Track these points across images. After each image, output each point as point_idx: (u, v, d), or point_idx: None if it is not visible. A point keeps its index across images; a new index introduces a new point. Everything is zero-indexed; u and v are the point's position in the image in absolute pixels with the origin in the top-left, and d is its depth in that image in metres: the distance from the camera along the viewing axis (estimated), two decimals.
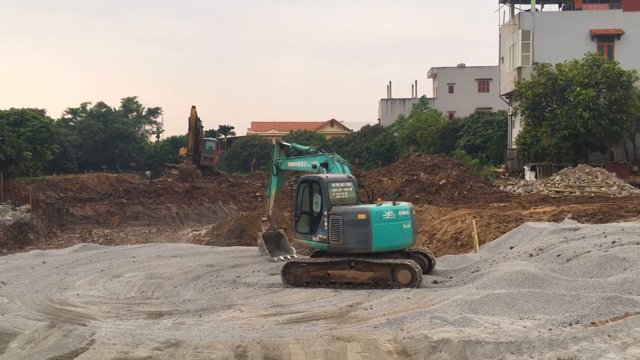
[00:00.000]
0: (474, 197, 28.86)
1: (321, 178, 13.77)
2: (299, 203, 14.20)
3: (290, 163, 16.86)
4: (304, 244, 14.50)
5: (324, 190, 13.41)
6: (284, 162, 16.90)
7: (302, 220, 14.08)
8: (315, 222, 13.62)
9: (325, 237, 13.22)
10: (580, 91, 31.47)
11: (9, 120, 45.86)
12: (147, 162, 70.89)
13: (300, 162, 16.41)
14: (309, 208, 13.89)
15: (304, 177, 14.62)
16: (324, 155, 15.44)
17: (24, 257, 18.49)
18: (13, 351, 9.29)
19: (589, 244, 13.28)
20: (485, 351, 8.28)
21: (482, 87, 67.61)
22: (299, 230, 14.20)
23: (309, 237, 13.82)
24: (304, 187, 14.17)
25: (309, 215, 13.85)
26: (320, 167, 15.05)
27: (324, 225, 13.29)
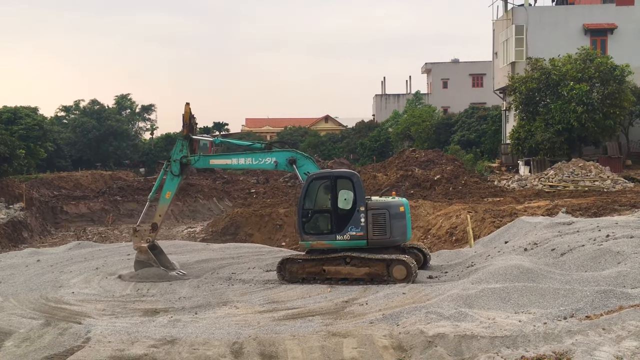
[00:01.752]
0: (469, 192, 28.93)
1: (354, 173, 13.50)
2: (313, 201, 13.28)
3: (219, 160, 15.21)
4: (320, 245, 13.18)
5: (358, 186, 13.02)
6: (202, 159, 14.73)
7: (320, 220, 13.22)
8: (342, 220, 12.95)
9: (362, 234, 12.91)
10: (574, 86, 31.57)
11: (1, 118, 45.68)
12: (141, 160, 70.66)
13: (244, 159, 14.38)
14: (332, 205, 13.11)
15: (319, 173, 13.54)
16: (288, 152, 14.13)
17: (18, 256, 18.41)
18: (8, 350, 9.26)
19: (583, 238, 13.33)
20: (481, 345, 8.30)
21: (476, 82, 67.69)
22: (310, 232, 13.19)
23: (329, 236, 13.04)
24: (320, 184, 13.30)
25: (331, 213, 13.10)
26: (288, 165, 13.83)
27: (358, 222, 12.89)
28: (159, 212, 14.77)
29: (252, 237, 25.38)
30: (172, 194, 14.69)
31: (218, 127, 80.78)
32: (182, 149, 14.61)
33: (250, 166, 14.49)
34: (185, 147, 14.63)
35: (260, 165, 14.34)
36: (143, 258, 14.40)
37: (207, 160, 14.88)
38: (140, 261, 14.43)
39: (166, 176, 14.74)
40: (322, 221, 13.22)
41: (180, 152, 14.58)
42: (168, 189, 14.65)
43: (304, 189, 13.20)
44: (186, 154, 14.57)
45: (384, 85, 76.88)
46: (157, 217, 14.77)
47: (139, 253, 14.50)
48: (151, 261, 14.35)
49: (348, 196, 13.02)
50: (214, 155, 15.01)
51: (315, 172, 13.57)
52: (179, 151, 14.62)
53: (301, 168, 13.76)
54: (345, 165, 48.06)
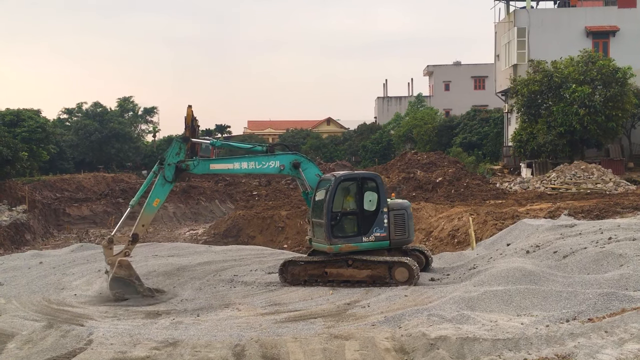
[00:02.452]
0: (471, 194, 28.92)
1: (378, 175, 13.56)
2: (340, 204, 13.02)
3: (220, 165, 13.62)
4: (348, 248, 12.84)
5: (381, 187, 13.08)
6: (202, 164, 13.31)
7: (347, 223, 13.02)
8: (367, 222, 12.91)
9: (385, 235, 12.96)
10: (576, 88, 31.55)
11: (4, 120, 45.75)
12: (143, 162, 70.70)
13: (247, 163, 13.41)
14: (358, 208, 13.04)
15: (345, 175, 13.35)
16: (292, 155, 13.58)
17: (21, 258, 18.44)
18: (11, 352, 9.27)
19: (585, 241, 13.32)
20: (483, 348, 8.30)
21: (478, 84, 67.70)
22: (339, 235, 12.83)
23: (356, 239, 12.88)
24: (347, 186, 13.16)
25: (357, 215, 13.01)
26: (292, 169, 13.35)
27: (382, 223, 12.91)
28: (143, 221, 12.94)
29: (254, 240, 25.40)
30: (160, 201, 13.10)
31: (220, 129, 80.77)
32: (180, 152, 13.19)
33: (254, 170, 13.55)
34: (183, 150, 13.22)
35: (264, 170, 13.51)
36: (123, 274, 12.25)
37: (206, 165, 13.40)
38: (119, 278, 12.21)
39: (156, 180, 13.10)
40: (349, 224, 13.10)
41: (177, 156, 13.13)
42: (157, 196, 13.00)
43: (332, 191, 12.75)
44: (184, 158, 13.19)
45: (386, 88, 76.94)
46: (139, 227, 12.91)
47: (118, 268, 12.26)
48: (133, 278, 12.32)
49: (373, 197, 13.03)
50: (215, 159, 13.54)
51: (342, 174, 13.37)
52: (175, 154, 13.14)
53: (305, 171, 13.45)
54: (347, 167, 48.06)
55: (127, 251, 12.64)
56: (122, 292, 12.12)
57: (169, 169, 13.00)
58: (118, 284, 12.19)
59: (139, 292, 12.25)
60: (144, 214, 13.00)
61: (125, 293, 12.13)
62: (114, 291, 12.15)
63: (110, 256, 12.46)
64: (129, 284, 12.23)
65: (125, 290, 12.15)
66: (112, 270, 12.33)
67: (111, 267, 12.39)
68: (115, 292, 12.14)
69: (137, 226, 12.92)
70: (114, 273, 12.29)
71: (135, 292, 12.21)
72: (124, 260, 12.41)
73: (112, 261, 12.38)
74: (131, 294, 12.19)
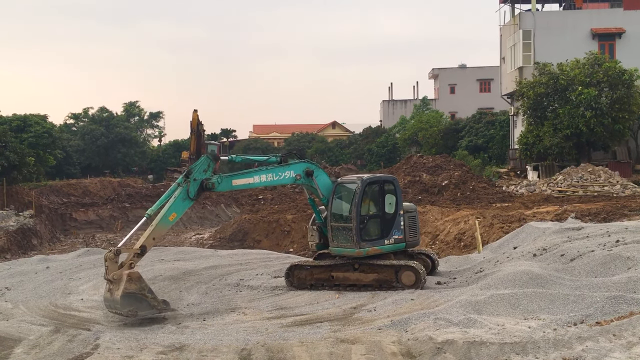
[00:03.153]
0: (477, 197, 28.84)
1: (394, 178, 13.78)
2: (367, 207, 12.98)
3: (241, 180, 12.80)
4: (373, 251, 12.80)
5: (398, 190, 13.30)
6: (225, 181, 12.47)
7: (372, 226, 12.98)
8: (388, 224, 13.02)
9: (402, 237, 13.18)
10: (582, 90, 31.45)
11: (11, 126, 45.94)
12: (149, 166, 70.99)
13: (265, 176, 12.90)
14: (381, 211, 13.07)
15: (371, 177, 13.32)
16: (305, 163, 13.35)
17: (28, 263, 18.52)
18: (18, 357, 9.30)
19: (592, 244, 13.25)
20: (490, 352, 8.26)
21: (484, 87, 67.59)
22: (366, 238, 12.75)
23: (379, 242, 12.92)
24: (373, 188, 13.10)
25: (381, 218, 13.05)
26: (305, 178, 13.07)
27: (399, 225, 13.10)
28: (154, 234, 11.77)
29: (260, 244, 25.41)
30: (177, 217, 12.11)
31: (226, 133, 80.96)
32: (208, 169, 12.25)
33: (272, 182, 13.16)
34: (211, 167, 12.32)
35: (281, 181, 13.23)
36: (134, 289, 10.97)
37: (229, 182, 12.60)
38: (130, 293, 10.89)
39: (177, 193, 12.02)
40: (374, 227, 13.07)
41: (205, 173, 12.20)
42: (175, 210, 11.95)
43: (360, 194, 12.66)
44: (210, 176, 12.25)
45: (391, 91, 77.05)
46: (149, 239, 11.68)
47: (128, 283, 10.94)
48: (145, 291, 11.11)
49: (392, 200, 13.16)
50: (235, 174, 12.85)
51: (368, 177, 13.35)
52: (202, 171, 12.20)
53: (317, 178, 13.22)
54: (353, 171, 48.03)
55: (132, 263, 11.35)
56: (135, 309, 10.89)
57: (194, 185, 12.06)
58: (130, 301, 10.86)
59: (153, 307, 11.10)
60: (158, 227, 11.81)
61: (138, 310, 10.91)
62: (126, 309, 10.85)
63: (115, 270, 11.11)
64: (142, 298, 10.97)
65: (138, 306, 10.92)
66: (120, 285, 10.95)
67: (117, 282, 11.03)
68: (127, 310, 10.85)
69: (148, 238, 11.66)
70: (124, 289, 10.88)
71: (149, 307, 11.06)
72: (133, 272, 11.15)
73: (118, 275, 11.05)
74: (144, 310, 11.00)
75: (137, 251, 11.48)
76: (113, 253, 11.23)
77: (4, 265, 18.04)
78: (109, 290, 11.13)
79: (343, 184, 13.31)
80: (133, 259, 11.42)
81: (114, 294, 10.97)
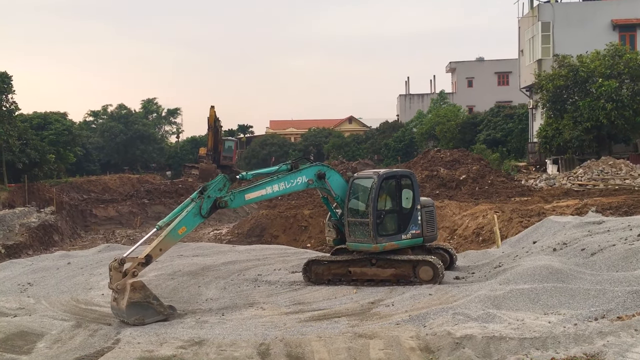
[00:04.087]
0: (495, 191, 28.63)
1: (412, 172, 13.83)
2: (384, 202, 12.99)
3: (254, 193, 12.76)
4: (390, 247, 12.80)
5: (416, 184, 13.32)
6: (238, 197, 12.48)
7: (389, 221, 13.00)
8: (405, 219, 13.04)
9: (419, 231, 13.19)
10: (603, 82, 31.02)
11: (32, 124, 46.55)
12: (167, 163, 71.49)
13: (278, 185, 12.88)
14: (398, 206, 13.11)
15: (387, 172, 13.33)
16: (316, 166, 13.31)
17: (49, 259, 18.78)
18: (40, 351, 9.45)
19: (613, 238, 13.09)
20: (510, 347, 8.20)
21: (502, 80, 66.92)
22: (383, 233, 12.78)
23: (396, 237, 12.93)
24: (389, 183, 13.13)
25: (398, 213, 13.08)
26: (318, 181, 13.05)
27: (417, 220, 13.10)
28: (162, 245, 11.68)
29: (277, 239, 25.48)
30: (187, 231, 12.04)
31: (242, 129, 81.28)
32: (223, 188, 12.28)
33: (285, 191, 13.15)
34: (226, 187, 12.36)
35: (294, 187, 13.19)
36: (138, 297, 11.03)
37: (242, 198, 12.63)
38: (135, 303, 10.97)
39: (190, 208, 12.05)
40: (390, 222, 13.11)
41: (219, 192, 12.24)
42: (185, 224, 11.90)
43: (376, 190, 12.69)
44: (225, 195, 12.30)
45: (408, 85, 76.57)
46: (155, 249, 11.61)
47: (132, 292, 11.00)
48: (150, 299, 11.18)
49: (409, 195, 13.16)
50: (248, 188, 12.78)
51: (384, 172, 13.31)
52: (218, 189, 12.23)
53: (330, 179, 13.23)
54: (370, 166, 47.92)
55: (135, 272, 11.29)
56: (142, 317, 10.97)
57: (207, 202, 12.06)
58: (136, 310, 10.95)
59: (160, 313, 11.19)
60: (166, 238, 11.76)
61: (145, 317, 10.99)
62: (133, 318, 10.92)
63: (119, 279, 11.16)
64: (148, 306, 11.07)
65: (144, 314, 11.02)
66: (125, 295, 11.03)
67: (121, 291, 11.11)
68: (134, 319, 10.92)
69: (155, 249, 11.61)
70: (129, 298, 10.97)
71: (155, 314, 11.13)
72: (137, 282, 11.19)
73: (122, 285, 11.11)
74: (151, 317, 11.05)
75: (142, 260, 11.41)
76: (117, 262, 11.20)
77: (26, 261, 18.32)
78: (115, 300, 11.17)
79: (359, 179, 13.30)
80: (137, 267, 11.34)
81: (120, 303, 11.00)
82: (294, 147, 70.91)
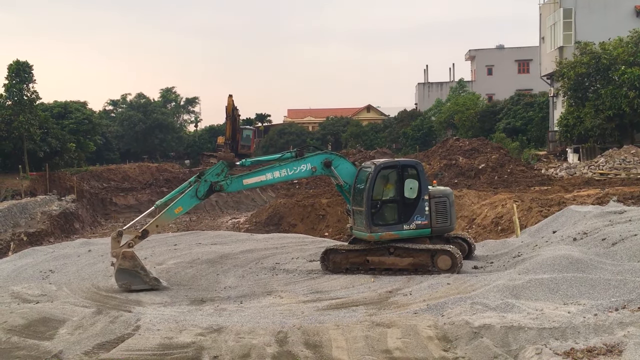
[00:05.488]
0: (515, 180, 28.38)
1: (418, 162, 13.53)
2: (380, 192, 13.01)
3: (252, 179, 13.31)
4: (388, 236, 12.80)
5: (422, 175, 13.06)
6: (235, 182, 13.21)
7: (387, 210, 12.97)
8: (408, 210, 12.85)
9: (426, 222, 12.90)
10: (625, 70, 30.49)
11: (53, 113, 47.11)
12: (186, 151, 71.95)
13: (279, 172, 13.29)
14: (399, 195, 12.94)
15: (385, 162, 13.25)
16: (323, 154, 13.48)
17: (71, 246, 19.02)
18: (62, 337, 9.60)
19: (635, 227, 12.89)
20: (529, 337, 8.15)
21: (522, 68, 66.11)
22: (379, 223, 12.81)
23: (397, 227, 12.84)
24: (388, 173, 13.12)
25: (398, 203, 12.95)
26: (325, 169, 13.25)
27: (423, 210, 12.87)
28: (158, 222, 12.92)
29: (295, 228, 25.54)
30: (183, 211, 13.17)
31: (260, 118, 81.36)
32: (220, 173, 13.11)
33: (287, 177, 13.49)
34: (224, 173, 13.16)
35: (297, 175, 13.50)
36: (128, 265, 12.28)
37: (240, 182, 13.29)
38: (124, 269, 12.30)
39: (188, 190, 13.06)
40: (389, 211, 13.06)
41: (217, 176, 13.07)
42: (182, 205, 13.01)
43: (372, 179, 12.77)
44: (222, 179, 13.08)
45: (427, 74, 75.93)
46: (152, 225, 12.87)
47: (123, 260, 12.29)
48: (138, 269, 12.35)
49: (414, 185, 12.98)
50: (246, 174, 13.39)
51: (383, 162, 13.30)
52: (215, 174, 13.07)
53: (338, 168, 13.33)
54: (388, 155, 47.74)
55: (131, 243, 12.52)
56: (129, 282, 12.26)
57: (204, 185, 12.97)
58: (124, 275, 12.30)
59: (145, 282, 12.33)
60: (163, 216, 12.98)
61: (131, 284, 12.26)
62: (120, 282, 12.29)
63: (116, 248, 12.44)
64: (135, 274, 12.29)
65: (131, 281, 12.27)
66: (117, 262, 12.39)
67: (116, 259, 12.46)
68: (121, 283, 12.29)
69: (151, 225, 12.90)
70: (118, 265, 12.33)
71: (141, 283, 12.31)
72: (127, 251, 12.35)
73: (117, 253, 12.38)
74: (137, 285, 12.28)
75: (139, 234, 12.74)
76: (116, 234, 12.73)
77: (47, 249, 18.58)
78: (112, 265, 12.76)
79: (365, 168, 13.41)
80: (134, 239, 12.67)
81: (114, 269, 12.53)
82: (311, 135, 70.82)
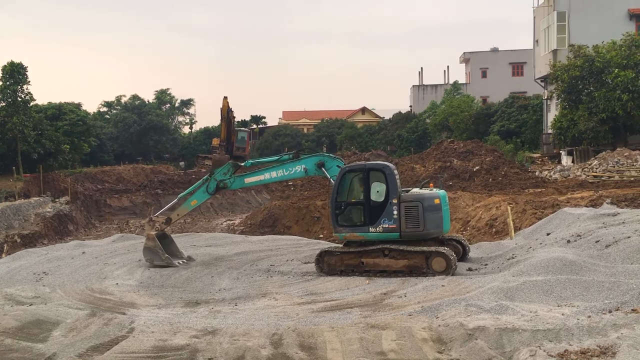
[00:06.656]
0: (509, 183, 28.47)
1: (387, 165, 13.45)
2: (345, 194, 13.35)
3: (253, 178, 15.14)
4: (353, 237, 13.28)
5: (391, 178, 12.99)
6: (237, 181, 15.15)
7: (352, 212, 13.26)
8: (374, 212, 12.96)
9: (394, 226, 12.86)
10: (619, 73, 30.64)
11: (47, 114, 46.94)
12: (180, 153, 71.87)
13: (276, 172, 14.66)
14: (365, 198, 13.13)
15: (351, 166, 13.77)
16: (316, 156, 14.40)
17: (64, 248, 18.96)
18: (56, 339, 9.56)
19: (628, 230, 12.96)
20: (523, 339, 8.18)
21: (516, 71, 66.32)
22: (344, 224, 13.26)
23: (362, 229, 13.07)
24: (353, 176, 13.42)
25: (364, 205, 13.13)
26: (317, 169, 14.13)
27: (391, 214, 12.84)
28: (179, 211, 15.61)
29: (290, 230, 25.54)
30: (197, 204, 15.48)
31: (255, 120, 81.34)
32: (227, 173, 15.12)
33: (283, 177, 14.83)
34: (230, 172, 15.13)
35: (292, 175, 14.75)
36: (150, 245, 15.12)
37: (242, 181, 15.22)
38: (148, 248, 15.17)
39: (202, 186, 15.31)
40: (355, 213, 13.27)
41: (224, 175, 15.11)
42: (196, 198, 15.39)
43: (337, 181, 13.36)
44: (226, 178, 15.10)
45: (422, 76, 76.13)
46: (175, 214, 15.52)
47: (147, 240, 15.22)
48: (157, 248, 15.06)
49: (381, 188, 13.02)
50: (247, 174, 15.28)
51: (348, 165, 13.71)
52: (222, 174, 15.13)
53: (330, 170, 13.98)
54: (383, 157, 47.82)
55: (158, 228, 15.27)
56: (152, 258, 15.06)
57: (212, 183, 15.17)
58: (148, 253, 15.15)
59: (162, 259, 14.91)
60: (182, 207, 15.63)
61: (154, 260, 15.01)
62: (146, 258, 15.18)
63: (148, 231, 15.32)
64: (155, 252, 15.03)
65: (154, 257, 15.04)
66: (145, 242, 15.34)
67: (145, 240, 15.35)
68: (147, 259, 15.18)
69: (174, 213, 15.59)
70: (145, 244, 15.30)
71: (160, 260, 14.93)
72: (150, 234, 15.16)
73: (146, 234, 15.34)
74: (157, 262, 14.94)
75: (163, 220, 15.44)
76: (149, 219, 15.85)
77: (41, 251, 18.52)
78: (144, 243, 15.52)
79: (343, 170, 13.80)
80: (160, 225, 15.36)
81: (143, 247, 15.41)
82: (306, 137, 70.86)
